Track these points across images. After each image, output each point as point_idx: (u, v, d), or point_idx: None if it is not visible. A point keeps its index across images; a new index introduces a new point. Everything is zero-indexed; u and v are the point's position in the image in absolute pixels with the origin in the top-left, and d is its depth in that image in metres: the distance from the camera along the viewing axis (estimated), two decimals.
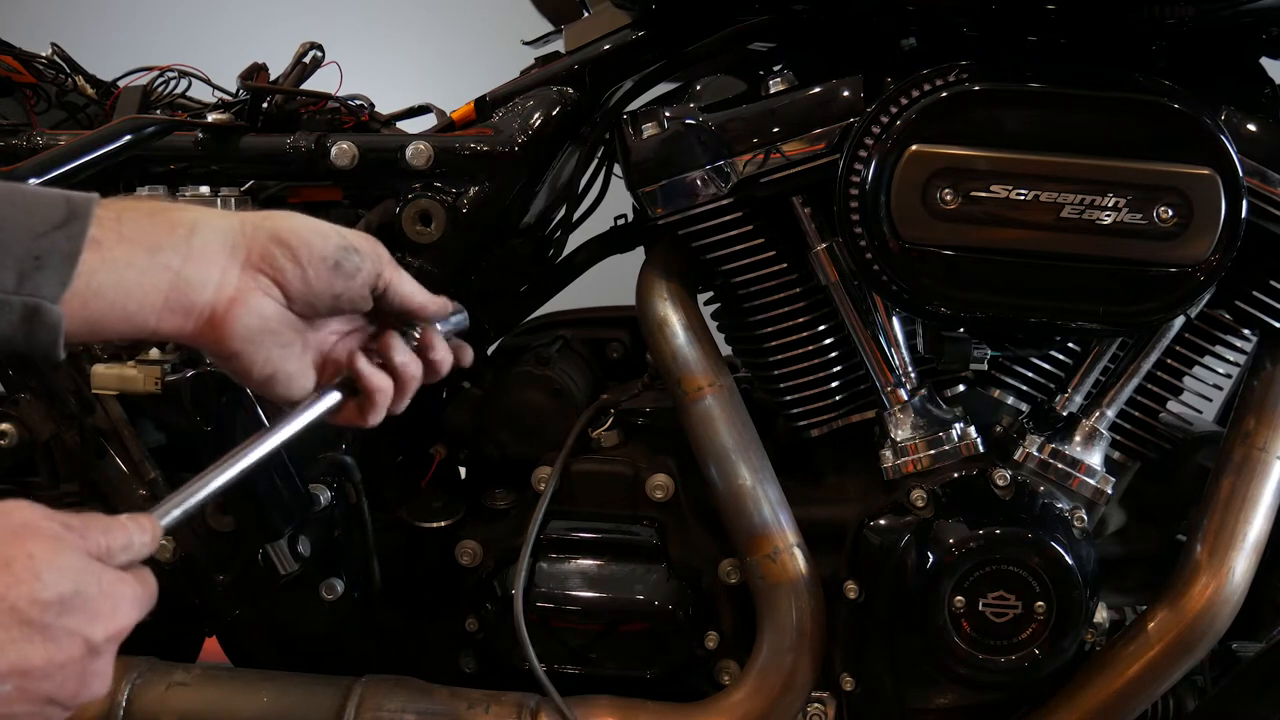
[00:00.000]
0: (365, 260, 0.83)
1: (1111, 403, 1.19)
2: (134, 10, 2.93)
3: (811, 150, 1.13)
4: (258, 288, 0.80)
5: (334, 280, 0.82)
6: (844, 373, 1.21)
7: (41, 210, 0.73)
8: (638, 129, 1.17)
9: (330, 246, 0.82)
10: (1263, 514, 1.15)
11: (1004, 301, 1.10)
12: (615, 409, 1.29)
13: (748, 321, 1.20)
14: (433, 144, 1.21)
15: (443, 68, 2.74)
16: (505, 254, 1.29)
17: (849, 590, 1.19)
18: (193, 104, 1.36)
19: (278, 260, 0.80)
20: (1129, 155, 1.05)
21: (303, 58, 1.31)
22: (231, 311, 0.79)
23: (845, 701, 1.23)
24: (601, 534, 1.26)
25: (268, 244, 0.81)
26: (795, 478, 1.23)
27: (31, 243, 0.72)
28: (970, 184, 1.06)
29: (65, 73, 1.39)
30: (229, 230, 0.80)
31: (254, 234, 0.80)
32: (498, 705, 1.19)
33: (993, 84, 1.07)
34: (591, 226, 1.43)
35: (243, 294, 0.79)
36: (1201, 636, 1.14)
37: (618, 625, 1.23)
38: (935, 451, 1.17)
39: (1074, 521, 1.15)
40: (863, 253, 1.10)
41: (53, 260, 0.73)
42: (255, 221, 0.81)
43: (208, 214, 0.81)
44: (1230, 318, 1.18)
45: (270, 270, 0.80)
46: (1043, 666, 1.14)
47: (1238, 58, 1.16)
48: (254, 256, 0.80)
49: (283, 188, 1.29)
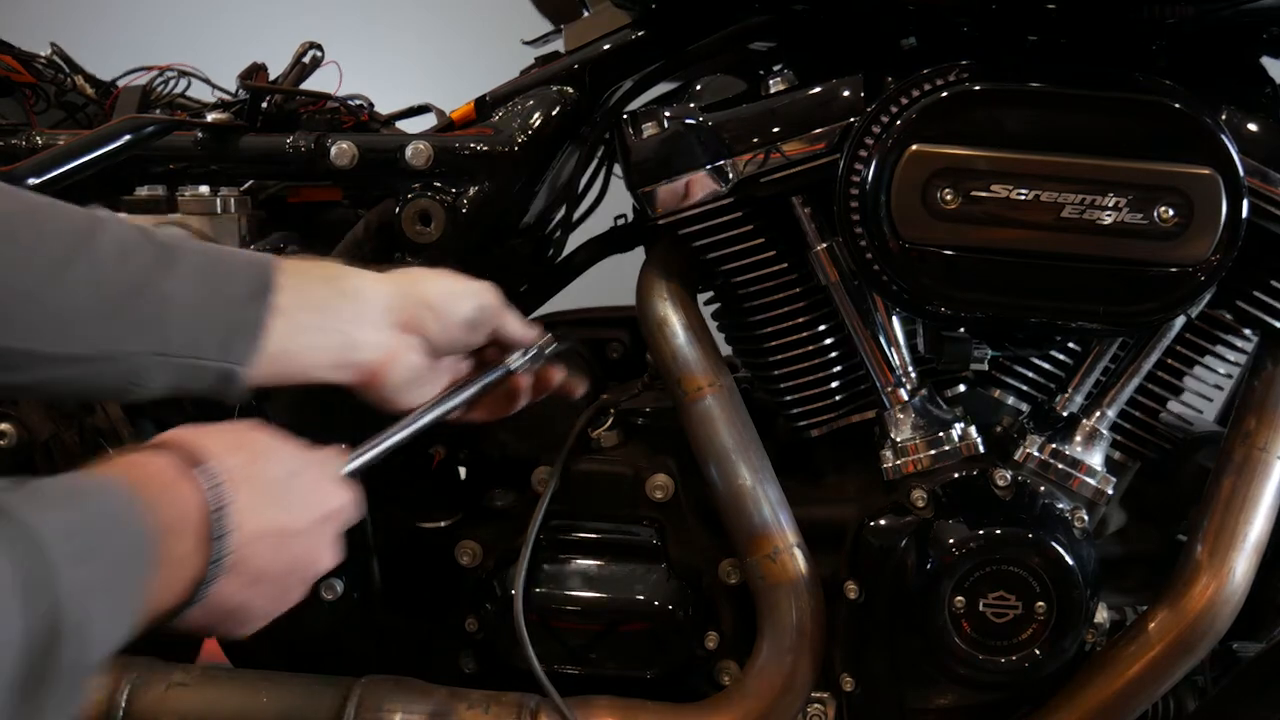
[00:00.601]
0: (491, 314, 1.01)
1: (1112, 403, 1.19)
2: (134, 10, 2.93)
3: (811, 150, 1.13)
4: (407, 346, 0.95)
5: (469, 335, 1.00)
6: (844, 373, 1.21)
7: (240, 278, 0.86)
8: (638, 129, 1.17)
9: (466, 308, 0.99)
10: (1263, 514, 1.15)
11: (1004, 301, 1.10)
12: (615, 409, 1.29)
13: (748, 321, 1.20)
14: (432, 144, 1.21)
15: (443, 68, 2.74)
16: (505, 254, 1.29)
17: (849, 590, 1.19)
18: (192, 104, 1.36)
19: (425, 323, 0.96)
20: (1129, 155, 1.05)
21: (302, 57, 1.31)
22: (386, 367, 0.94)
23: (845, 702, 1.22)
24: (601, 534, 1.26)
25: (416, 309, 0.95)
26: (795, 478, 1.23)
27: (232, 313, 0.85)
28: (970, 184, 1.06)
29: (64, 72, 1.39)
30: (386, 296, 0.94)
31: (404, 299, 0.95)
32: (498, 705, 1.19)
33: (993, 84, 1.07)
34: (591, 226, 1.43)
35: (396, 353, 0.94)
36: (1202, 637, 1.14)
37: (618, 625, 1.23)
38: (935, 452, 1.16)
39: (1074, 522, 1.15)
40: (863, 253, 1.09)
41: (249, 330, 0.85)
42: (404, 288, 0.96)
43: (369, 280, 0.95)
44: (1231, 318, 1.18)
45: (418, 330, 0.96)
46: (1043, 667, 1.14)
47: (1238, 57, 1.16)
48: (405, 319, 0.95)
49: (282, 187, 1.29)
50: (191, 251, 0.86)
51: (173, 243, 0.86)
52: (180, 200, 1.24)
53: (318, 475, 0.83)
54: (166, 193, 1.25)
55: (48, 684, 0.56)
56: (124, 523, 0.66)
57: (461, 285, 1.00)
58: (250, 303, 0.86)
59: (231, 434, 0.78)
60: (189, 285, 0.83)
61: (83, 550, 0.60)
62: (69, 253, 0.79)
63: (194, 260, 0.85)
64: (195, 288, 0.84)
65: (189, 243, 0.88)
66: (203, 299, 0.84)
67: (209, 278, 0.85)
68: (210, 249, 0.88)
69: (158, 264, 0.83)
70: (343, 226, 1.26)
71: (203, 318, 0.84)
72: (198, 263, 0.85)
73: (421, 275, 1.00)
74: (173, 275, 0.83)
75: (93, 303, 0.80)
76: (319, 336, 0.90)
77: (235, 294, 0.85)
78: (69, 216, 0.81)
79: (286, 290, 0.87)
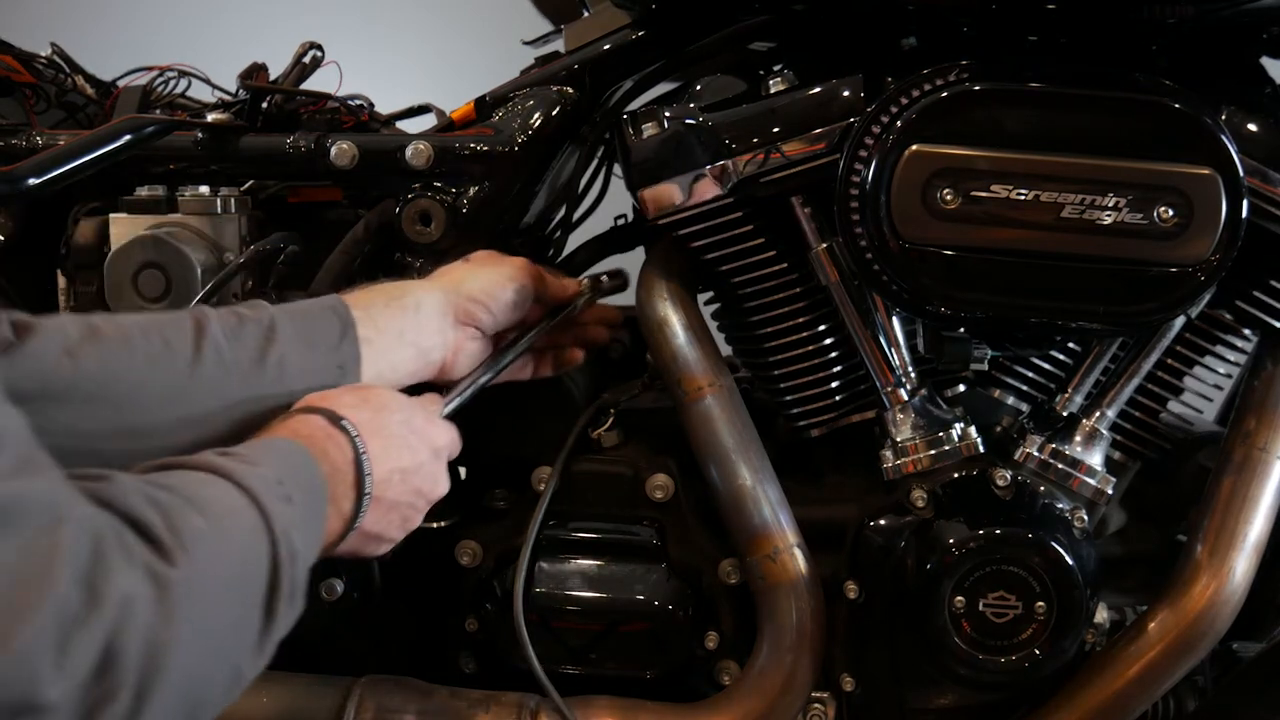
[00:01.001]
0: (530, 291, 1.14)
1: (1112, 403, 1.19)
2: (134, 10, 2.93)
3: (811, 150, 1.13)
4: (466, 337, 1.10)
5: (516, 314, 1.14)
6: (844, 373, 1.21)
7: (326, 326, 0.99)
8: (638, 129, 1.17)
9: (508, 293, 1.12)
10: (1263, 514, 1.15)
11: (1004, 301, 1.10)
12: (615, 409, 1.29)
13: (748, 321, 1.20)
14: (432, 144, 1.21)
15: (443, 68, 2.74)
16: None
17: (849, 590, 1.19)
18: (192, 104, 1.36)
19: (477, 315, 1.10)
20: (1129, 155, 1.05)
21: (302, 58, 1.31)
22: (452, 359, 1.09)
23: (845, 702, 1.22)
24: (601, 534, 1.26)
25: (467, 304, 1.09)
26: (795, 478, 1.23)
27: (331, 359, 0.98)
28: (970, 184, 1.06)
29: (65, 72, 1.39)
30: (441, 300, 1.08)
31: (456, 299, 1.09)
32: (498, 705, 1.19)
33: (993, 84, 1.07)
34: (591, 226, 1.43)
35: (458, 345, 1.09)
36: (1202, 637, 1.14)
37: (618, 625, 1.23)
38: (935, 451, 1.16)
39: (1074, 522, 1.15)
40: (863, 253, 1.09)
41: (349, 369, 0.99)
42: (454, 287, 1.09)
43: (423, 290, 1.08)
44: (1231, 318, 1.18)
45: (472, 322, 1.10)
46: (1043, 667, 1.14)
47: (1238, 57, 1.16)
48: (460, 315, 1.09)
49: (282, 187, 1.29)
50: (279, 314, 0.97)
51: (258, 313, 0.97)
52: (180, 200, 1.24)
53: (425, 420, 0.99)
54: (166, 193, 1.25)
55: (279, 601, 0.72)
56: (307, 471, 0.82)
57: (500, 273, 1.12)
58: (343, 344, 0.99)
59: (355, 393, 0.95)
60: (293, 346, 0.96)
61: (284, 495, 0.75)
62: (195, 350, 0.90)
63: (287, 322, 0.97)
64: (298, 347, 0.96)
65: (268, 307, 0.98)
66: (307, 355, 0.96)
67: (303, 333, 0.97)
68: (287, 307, 1.00)
69: (264, 338, 0.95)
70: (343, 226, 1.26)
71: (310, 371, 0.96)
72: (290, 323, 0.97)
73: (466, 273, 1.12)
74: (277, 342, 0.95)
75: (226, 388, 0.91)
76: (398, 354, 1.04)
77: (329, 341, 0.98)
78: (177, 321, 0.92)
79: (363, 322, 1.01)
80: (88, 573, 0.57)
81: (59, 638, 0.54)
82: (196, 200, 1.24)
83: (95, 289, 1.24)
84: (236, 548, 0.70)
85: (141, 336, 0.88)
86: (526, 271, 1.15)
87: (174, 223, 1.24)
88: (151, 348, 0.88)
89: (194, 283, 1.20)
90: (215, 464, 0.75)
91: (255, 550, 0.71)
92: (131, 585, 0.60)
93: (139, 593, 0.60)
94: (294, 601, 0.75)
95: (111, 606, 0.57)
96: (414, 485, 0.96)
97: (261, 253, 1.22)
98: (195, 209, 1.24)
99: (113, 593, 0.58)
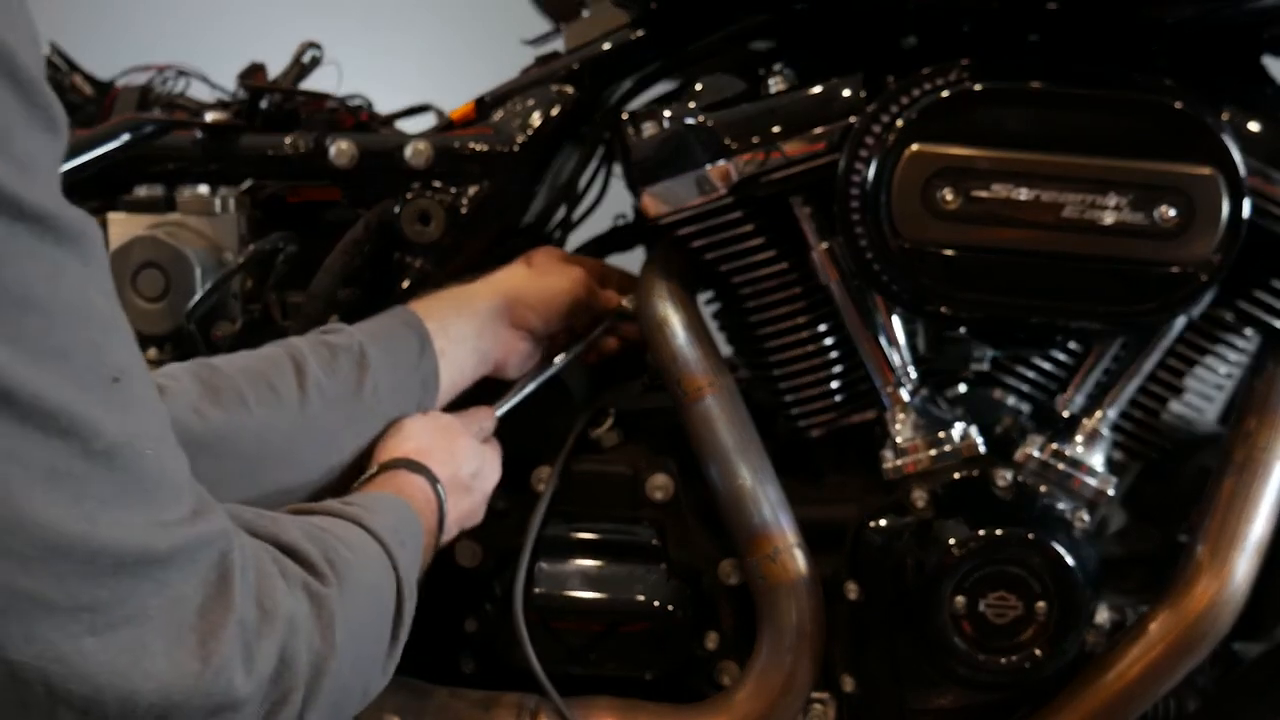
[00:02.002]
0: (583, 303, 1.20)
1: (1113, 403, 1.19)
2: (134, 10, 2.92)
3: (811, 150, 1.13)
4: (519, 338, 1.16)
5: (566, 322, 1.20)
6: (844, 373, 1.21)
7: (405, 343, 1.05)
8: (638, 129, 1.16)
9: (561, 303, 1.17)
10: (1265, 515, 1.15)
11: (1005, 301, 1.10)
12: (615, 409, 1.29)
13: (748, 321, 1.20)
14: (432, 144, 1.21)
15: (443, 68, 2.74)
16: (505, 254, 1.29)
17: (849, 590, 1.19)
18: (191, 104, 1.35)
19: (530, 320, 1.16)
20: (1130, 155, 1.05)
21: (302, 57, 1.31)
22: (505, 361, 1.16)
23: (845, 702, 1.22)
24: (601, 534, 1.25)
25: (522, 310, 1.15)
26: (795, 478, 1.23)
27: (414, 375, 1.05)
28: (971, 183, 1.06)
29: (63, 72, 1.39)
30: (497, 307, 1.13)
31: (512, 303, 1.14)
32: (497, 705, 1.19)
33: (993, 83, 1.07)
34: (591, 226, 1.42)
35: (512, 345, 1.16)
36: (1203, 637, 1.14)
37: (617, 625, 1.23)
38: (936, 452, 1.16)
39: (1075, 522, 1.15)
40: (863, 253, 1.09)
41: (431, 381, 1.07)
42: (510, 294, 1.15)
43: (487, 294, 1.14)
44: (1232, 318, 1.18)
45: (525, 327, 1.16)
46: (1043, 667, 1.14)
47: (1239, 57, 1.16)
48: (513, 319, 1.15)
49: (282, 187, 1.29)
50: (365, 339, 1.02)
51: (346, 339, 1.02)
52: (179, 200, 1.24)
53: (490, 468, 1.11)
54: (165, 192, 1.24)
55: (401, 628, 0.85)
56: (412, 525, 0.92)
57: (559, 284, 1.18)
58: (423, 360, 1.06)
59: (442, 445, 1.03)
60: (384, 371, 1.02)
61: (400, 541, 0.86)
62: (301, 394, 0.96)
63: (373, 346, 1.02)
64: (388, 370, 1.02)
65: (352, 332, 1.04)
66: (396, 376, 1.03)
67: (389, 355, 1.03)
68: (368, 328, 1.05)
69: (358, 366, 1.00)
70: (342, 226, 1.25)
71: (399, 391, 1.03)
72: (376, 346, 1.02)
73: (527, 279, 1.17)
74: (370, 370, 1.01)
75: (332, 424, 0.99)
76: (468, 361, 1.11)
77: (411, 359, 1.05)
78: (278, 364, 0.98)
79: (437, 334, 1.07)
80: (257, 594, 0.66)
81: (244, 651, 0.64)
82: (195, 200, 1.24)
83: None
84: (374, 578, 0.82)
85: (252, 389, 0.94)
86: (583, 284, 1.20)
87: (173, 222, 1.23)
88: (263, 399, 0.94)
89: (193, 282, 1.20)
90: (345, 511, 0.85)
91: (386, 582, 0.83)
92: (295, 603, 0.69)
93: (301, 610, 0.70)
94: (407, 630, 0.87)
95: (281, 621, 0.67)
96: (463, 525, 1.08)
97: (261, 253, 1.21)
98: (194, 209, 1.24)
99: (280, 609, 0.67)
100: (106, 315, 0.61)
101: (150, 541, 0.60)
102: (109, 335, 0.60)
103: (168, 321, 1.22)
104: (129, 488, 0.59)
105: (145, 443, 0.61)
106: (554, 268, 1.20)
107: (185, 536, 0.62)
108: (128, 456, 0.59)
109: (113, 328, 0.61)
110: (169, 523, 0.61)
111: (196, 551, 0.62)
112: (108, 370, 0.59)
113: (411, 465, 0.99)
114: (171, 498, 0.62)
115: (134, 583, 0.59)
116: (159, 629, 0.60)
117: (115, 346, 0.61)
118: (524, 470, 1.27)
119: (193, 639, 0.61)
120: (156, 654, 0.59)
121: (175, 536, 0.61)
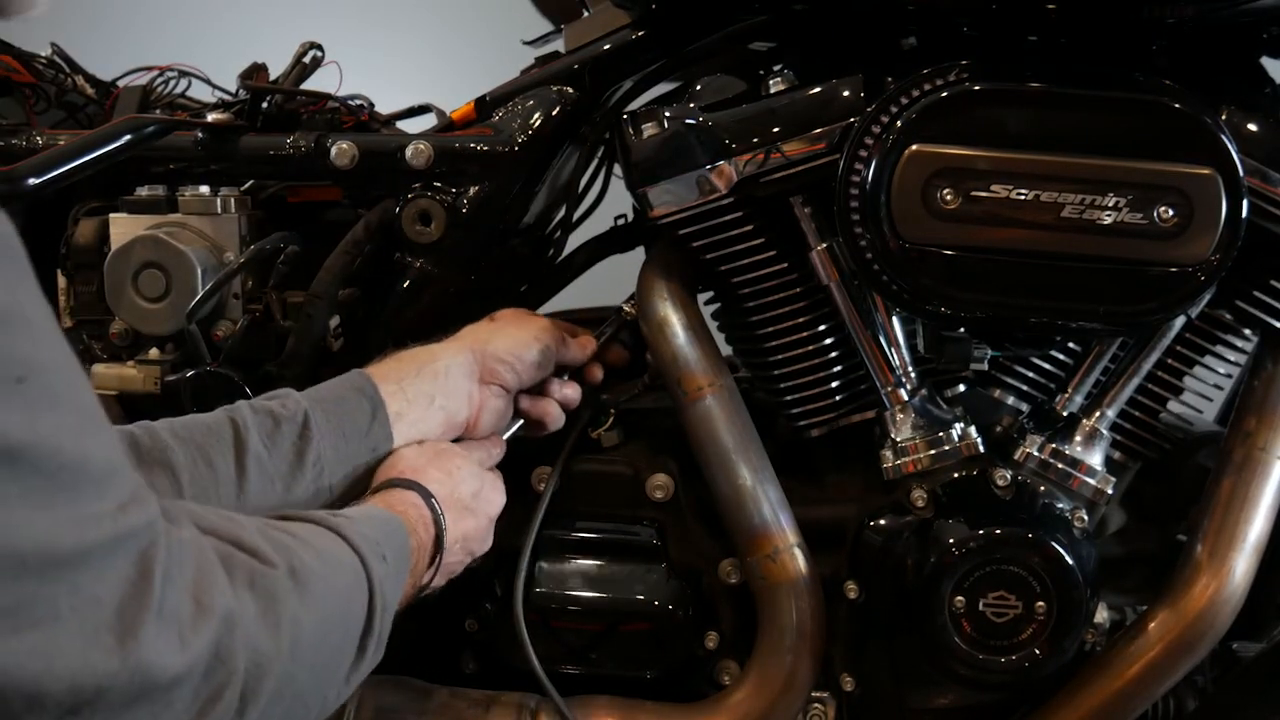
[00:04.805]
0: (552, 353, 1.18)
1: (1112, 403, 1.19)
2: (134, 10, 2.92)
3: (811, 150, 1.13)
4: (490, 394, 1.13)
5: (537, 373, 1.17)
6: (844, 373, 1.21)
7: (355, 410, 1.03)
8: (638, 129, 1.17)
9: (533, 354, 1.15)
10: (1263, 514, 1.15)
11: (1004, 301, 1.10)
12: (615, 409, 1.29)
13: (748, 321, 1.20)
14: (433, 144, 1.21)
15: (443, 68, 2.74)
16: (505, 254, 1.29)
17: (849, 590, 1.19)
18: (192, 104, 1.35)
19: (501, 375, 1.13)
20: (1129, 155, 1.05)
21: (302, 57, 1.31)
22: (477, 417, 1.12)
23: (845, 702, 1.23)
24: (601, 534, 1.26)
25: (493, 364, 1.12)
26: (795, 478, 1.23)
27: (363, 441, 1.02)
28: (970, 184, 1.06)
29: (65, 72, 1.39)
30: (467, 362, 1.11)
31: (483, 359, 1.12)
32: (498, 705, 1.19)
33: (993, 84, 1.07)
34: (591, 226, 1.42)
35: (483, 403, 1.12)
36: (1202, 636, 1.14)
37: (618, 625, 1.23)
38: (935, 451, 1.16)
39: (1074, 521, 1.15)
40: (863, 253, 1.09)
41: (381, 447, 1.04)
42: (480, 348, 1.12)
43: (449, 351, 1.11)
44: (1231, 317, 1.18)
45: (496, 381, 1.13)
46: (1043, 666, 1.14)
47: (1238, 57, 1.16)
48: (485, 375, 1.12)
49: (282, 187, 1.29)
50: (311, 406, 1.00)
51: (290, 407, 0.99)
52: (180, 200, 1.24)
53: (492, 488, 1.09)
54: (166, 193, 1.25)
55: (370, 642, 0.83)
56: (400, 540, 0.91)
57: (525, 334, 1.16)
58: (373, 427, 1.03)
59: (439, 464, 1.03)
60: (328, 441, 0.99)
61: (381, 555, 0.85)
62: (239, 471, 0.94)
63: (319, 415, 1.00)
64: (332, 440, 1.00)
65: (299, 399, 1.01)
66: (342, 446, 1.00)
67: (336, 424, 1.00)
68: (316, 394, 1.03)
69: (300, 438, 0.98)
70: (343, 226, 1.26)
71: (345, 460, 1.01)
72: (323, 414, 1.00)
73: (491, 333, 1.15)
74: (313, 441, 0.98)
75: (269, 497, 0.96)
76: (429, 422, 1.07)
77: (360, 428, 1.02)
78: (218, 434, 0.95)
79: (394, 397, 1.05)
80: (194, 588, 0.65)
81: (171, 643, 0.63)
82: (196, 200, 1.24)
83: (95, 289, 1.24)
84: (342, 587, 0.80)
85: (190, 465, 0.92)
86: (550, 332, 1.18)
87: (174, 222, 1.24)
88: (200, 475, 0.93)
89: (194, 282, 1.20)
90: (325, 519, 0.85)
91: (356, 593, 0.82)
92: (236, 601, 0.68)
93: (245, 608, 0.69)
94: (379, 647, 0.85)
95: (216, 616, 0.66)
96: (470, 548, 1.06)
97: (261, 253, 1.22)
98: (195, 209, 1.24)
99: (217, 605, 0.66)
100: (8, 312, 0.58)
101: (60, 542, 0.58)
102: (11, 333, 0.57)
103: (169, 321, 1.22)
104: (35, 488, 0.57)
105: (62, 438, 0.58)
106: (520, 320, 1.19)
107: (105, 532, 0.60)
108: (33, 457, 0.57)
109: (17, 324, 0.58)
110: (87, 518, 0.59)
111: (116, 546, 0.61)
112: (9, 371, 0.57)
113: (404, 483, 0.99)
114: (94, 492, 0.60)
115: (43, 586, 0.57)
116: (73, 630, 0.58)
117: (20, 344, 0.58)
118: (524, 470, 1.27)
119: (109, 638, 0.60)
120: (70, 654, 0.58)
121: (93, 533, 0.59)
